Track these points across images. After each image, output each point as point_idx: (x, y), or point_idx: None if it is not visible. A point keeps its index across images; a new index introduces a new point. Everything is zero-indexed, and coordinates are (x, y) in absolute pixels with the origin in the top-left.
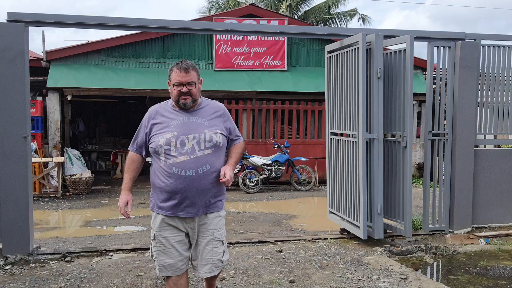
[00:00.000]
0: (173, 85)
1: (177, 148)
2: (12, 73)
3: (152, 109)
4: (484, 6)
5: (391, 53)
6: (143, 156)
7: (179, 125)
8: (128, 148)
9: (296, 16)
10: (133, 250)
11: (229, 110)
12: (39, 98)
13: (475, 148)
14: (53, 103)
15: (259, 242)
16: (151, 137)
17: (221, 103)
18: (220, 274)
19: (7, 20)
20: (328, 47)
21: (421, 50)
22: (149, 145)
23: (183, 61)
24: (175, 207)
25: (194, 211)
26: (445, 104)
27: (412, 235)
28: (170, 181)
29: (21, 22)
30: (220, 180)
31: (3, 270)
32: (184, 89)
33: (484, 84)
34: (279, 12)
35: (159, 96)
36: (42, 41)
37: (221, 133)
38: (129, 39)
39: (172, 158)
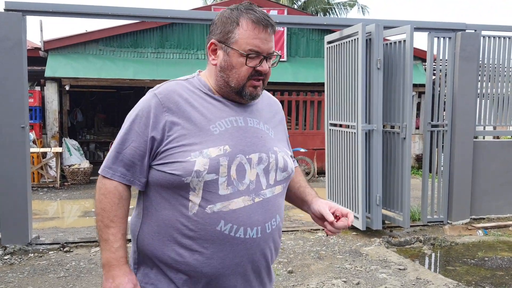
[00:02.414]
0: (241, 52)
1: (232, 180)
2: (9, 63)
3: (163, 90)
4: None
5: (391, 43)
6: (139, 188)
7: (233, 132)
8: (102, 173)
9: (295, 6)
10: (130, 240)
11: None
12: (37, 88)
13: (474, 140)
14: (51, 93)
15: None
16: (171, 153)
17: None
18: None
19: (4, 9)
20: (328, 38)
21: (421, 41)
22: (163, 170)
23: (255, 7)
24: None
25: None
26: (445, 95)
27: (411, 226)
28: (208, 253)
29: (19, 11)
30: (331, 231)
31: (2, 260)
32: (265, 67)
33: (484, 75)
34: (280, 2)
35: None
36: (40, 31)
37: (290, 154)
38: (128, 29)
39: (220, 202)
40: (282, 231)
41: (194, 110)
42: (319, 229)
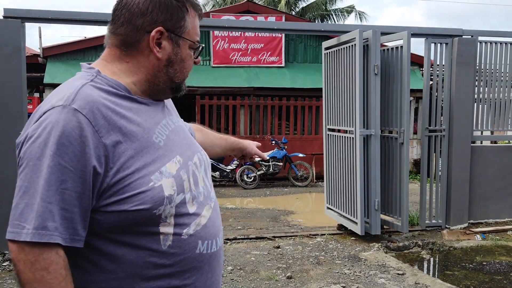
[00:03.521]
0: (192, 43)
1: (193, 193)
2: (8, 69)
3: (84, 103)
4: (479, 3)
5: (388, 49)
6: (81, 245)
7: (173, 138)
8: (32, 239)
9: (293, 13)
10: None
11: (227, 106)
12: (36, 95)
13: (471, 144)
14: None
15: (256, 238)
16: (125, 184)
17: None
18: None
19: (3, 16)
20: (326, 44)
21: (418, 46)
22: (123, 209)
23: None
24: None
25: None
26: (442, 101)
27: (409, 230)
28: (190, 282)
29: (18, 18)
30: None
31: (1, 267)
32: (199, 60)
33: (481, 81)
34: (278, 8)
35: None
36: (38, 37)
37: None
38: None
39: (193, 221)
40: (281, 237)
41: (128, 122)
42: (318, 234)
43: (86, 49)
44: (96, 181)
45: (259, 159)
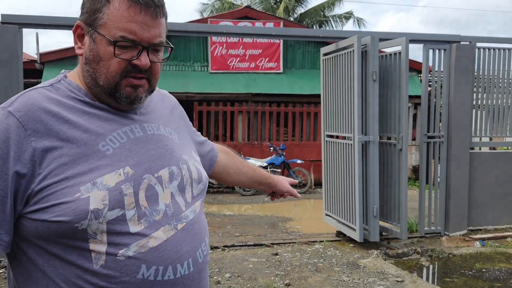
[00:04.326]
0: (108, 39)
1: (143, 211)
2: (5, 75)
3: (20, 106)
4: (478, 9)
5: (386, 55)
6: (2, 250)
7: (131, 147)
8: None
9: (291, 19)
10: None
11: (225, 113)
12: None
13: (470, 151)
14: None
15: (254, 245)
16: (50, 192)
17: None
18: (216, 277)
19: (0, 22)
20: (324, 50)
21: (416, 52)
22: (43, 219)
23: None
24: None
25: None
26: (441, 107)
27: (408, 237)
28: None
29: (15, 24)
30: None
31: None
32: (144, 61)
33: (480, 87)
34: (276, 14)
35: None
36: (36, 43)
37: (198, 156)
38: None
39: (135, 242)
40: (279, 243)
41: (71, 128)
42: (316, 241)
43: None
44: (19, 186)
45: (257, 165)
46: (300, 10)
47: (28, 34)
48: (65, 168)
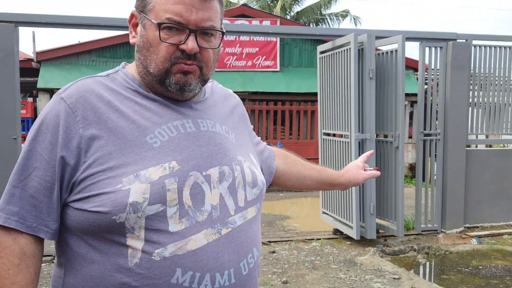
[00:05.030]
0: (155, 23)
1: (186, 209)
2: (2, 74)
3: (73, 93)
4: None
5: (383, 53)
6: (48, 238)
7: (180, 142)
8: None
9: (288, 17)
10: None
11: None
12: (30, 99)
13: (467, 148)
14: (43, 104)
15: None
16: (92, 181)
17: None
18: None
19: None
20: (321, 48)
21: (412, 50)
22: (84, 209)
23: None
24: None
25: None
26: (437, 104)
27: (405, 235)
28: None
29: (11, 22)
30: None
31: None
32: (191, 45)
33: (476, 84)
34: (273, 12)
35: None
36: (32, 42)
37: (256, 160)
38: (121, 40)
39: (173, 242)
40: (276, 241)
41: (121, 117)
42: (313, 239)
43: (80, 53)
44: (65, 173)
45: None
46: (297, 8)
47: (24, 33)
48: (110, 158)
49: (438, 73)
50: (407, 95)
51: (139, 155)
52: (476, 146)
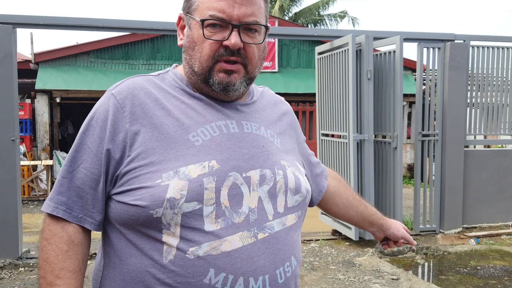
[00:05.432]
0: (198, 20)
1: (223, 210)
2: (0, 75)
3: (123, 89)
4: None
5: (381, 54)
6: (93, 228)
7: (222, 142)
8: (43, 208)
9: (286, 18)
10: None
11: None
12: (28, 101)
13: (465, 149)
14: (41, 106)
15: None
16: (134, 175)
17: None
18: None
19: None
20: (319, 49)
21: (410, 51)
22: (125, 201)
23: None
24: None
25: None
26: (435, 105)
27: None
28: None
29: (9, 24)
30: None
31: None
32: (234, 40)
33: (474, 85)
34: (272, 13)
35: None
36: (30, 43)
37: (303, 169)
38: (119, 41)
39: (208, 241)
40: None
41: (166, 115)
42: (312, 240)
43: (78, 55)
44: (110, 166)
45: None
46: (295, 9)
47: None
48: (152, 153)
49: (436, 74)
50: (405, 95)
51: (180, 152)
52: (474, 147)
